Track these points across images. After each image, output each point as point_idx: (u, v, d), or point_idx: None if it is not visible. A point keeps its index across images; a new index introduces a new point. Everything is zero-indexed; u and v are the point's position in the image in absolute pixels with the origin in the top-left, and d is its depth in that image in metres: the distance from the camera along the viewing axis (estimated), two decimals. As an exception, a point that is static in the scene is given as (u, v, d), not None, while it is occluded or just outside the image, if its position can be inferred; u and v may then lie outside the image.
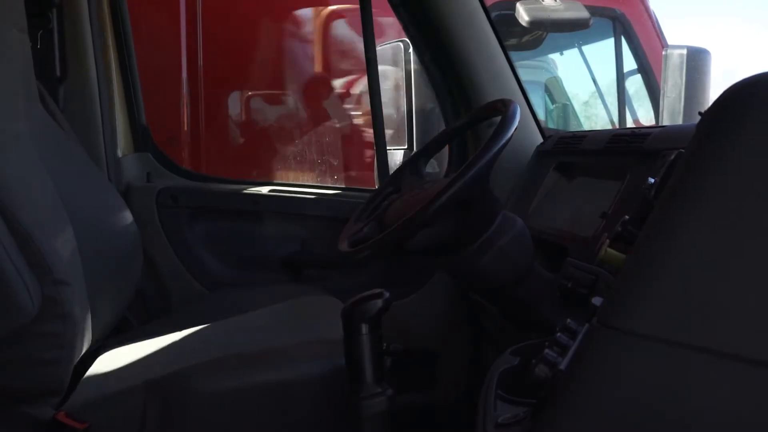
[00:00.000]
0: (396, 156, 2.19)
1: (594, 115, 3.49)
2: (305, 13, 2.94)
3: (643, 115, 3.13)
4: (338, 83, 2.93)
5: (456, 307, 1.88)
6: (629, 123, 3.05)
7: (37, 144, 1.44)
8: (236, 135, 2.98)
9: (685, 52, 1.66)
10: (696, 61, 1.67)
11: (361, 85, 2.83)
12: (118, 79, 2.01)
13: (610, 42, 3.00)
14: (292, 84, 2.98)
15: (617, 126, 3.06)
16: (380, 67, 1.91)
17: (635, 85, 3.10)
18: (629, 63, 3.03)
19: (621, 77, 3.00)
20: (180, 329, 1.57)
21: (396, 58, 2.17)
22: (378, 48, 1.93)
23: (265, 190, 2.03)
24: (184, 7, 2.78)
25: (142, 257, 1.58)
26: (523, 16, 2.64)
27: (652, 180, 0.96)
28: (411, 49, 2.09)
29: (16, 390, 1.17)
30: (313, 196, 2.02)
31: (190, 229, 1.93)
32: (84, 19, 1.86)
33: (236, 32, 2.82)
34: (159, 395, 1.20)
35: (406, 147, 2.16)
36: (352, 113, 2.94)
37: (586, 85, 3.34)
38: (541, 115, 3.27)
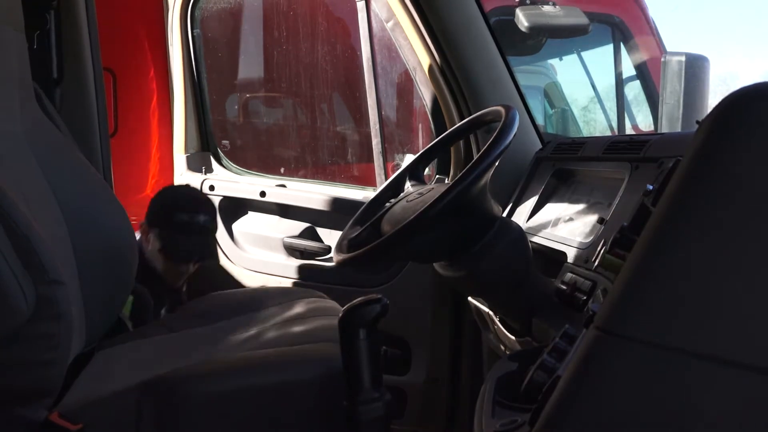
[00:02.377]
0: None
1: (593, 120, 3.49)
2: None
3: (642, 120, 3.14)
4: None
5: (430, 299, 1.97)
6: (628, 129, 3.06)
7: (33, 145, 1.43)
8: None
9: (683, 59, 1.66)
10: (694, 68, 1.66)
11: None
12: (190, 94, 2.54)
13: (609, 48, 3.01)
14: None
15: (616, 131, 3.06)
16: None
17: (634, 90, 3.10)
18: (628, 69, 3.04)
19: (620, 83, 3.01)
20: (175, 331, 1.57)
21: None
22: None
23: (287, 184, 2.40)
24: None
25: (138, 258, 1.58)
26: (522, 21, 2.65)
27: (651, 187, 0.96)
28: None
29: (9, 390, 1.16)
30: (320, 194, 2.24)
31: (222, 211, 2.40)
32: (81, 20, 1.86)
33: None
34: (153, 397, 1.19)
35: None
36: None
37: (585, 90, 3.34)
38: (540, 121, 3.27)
